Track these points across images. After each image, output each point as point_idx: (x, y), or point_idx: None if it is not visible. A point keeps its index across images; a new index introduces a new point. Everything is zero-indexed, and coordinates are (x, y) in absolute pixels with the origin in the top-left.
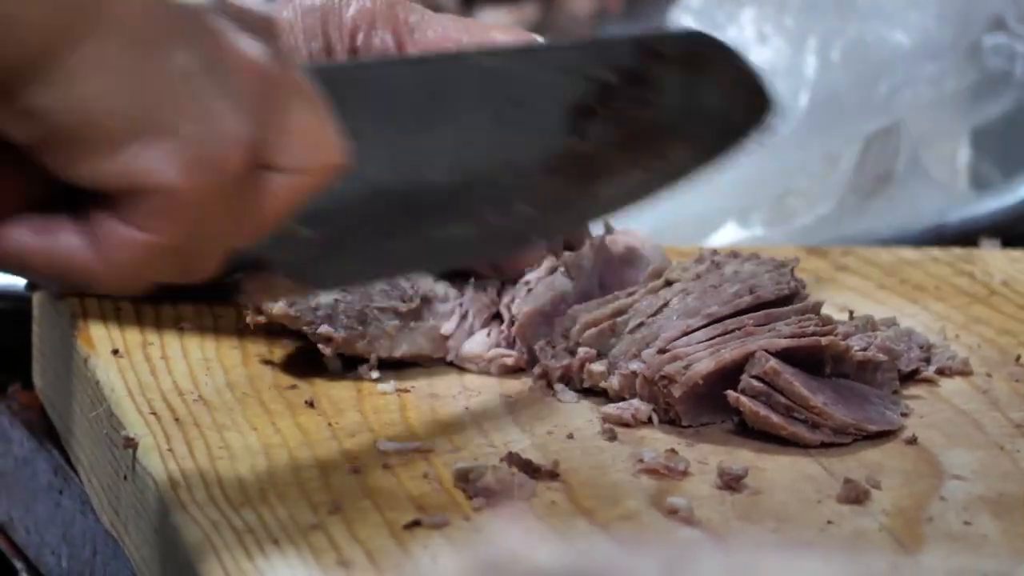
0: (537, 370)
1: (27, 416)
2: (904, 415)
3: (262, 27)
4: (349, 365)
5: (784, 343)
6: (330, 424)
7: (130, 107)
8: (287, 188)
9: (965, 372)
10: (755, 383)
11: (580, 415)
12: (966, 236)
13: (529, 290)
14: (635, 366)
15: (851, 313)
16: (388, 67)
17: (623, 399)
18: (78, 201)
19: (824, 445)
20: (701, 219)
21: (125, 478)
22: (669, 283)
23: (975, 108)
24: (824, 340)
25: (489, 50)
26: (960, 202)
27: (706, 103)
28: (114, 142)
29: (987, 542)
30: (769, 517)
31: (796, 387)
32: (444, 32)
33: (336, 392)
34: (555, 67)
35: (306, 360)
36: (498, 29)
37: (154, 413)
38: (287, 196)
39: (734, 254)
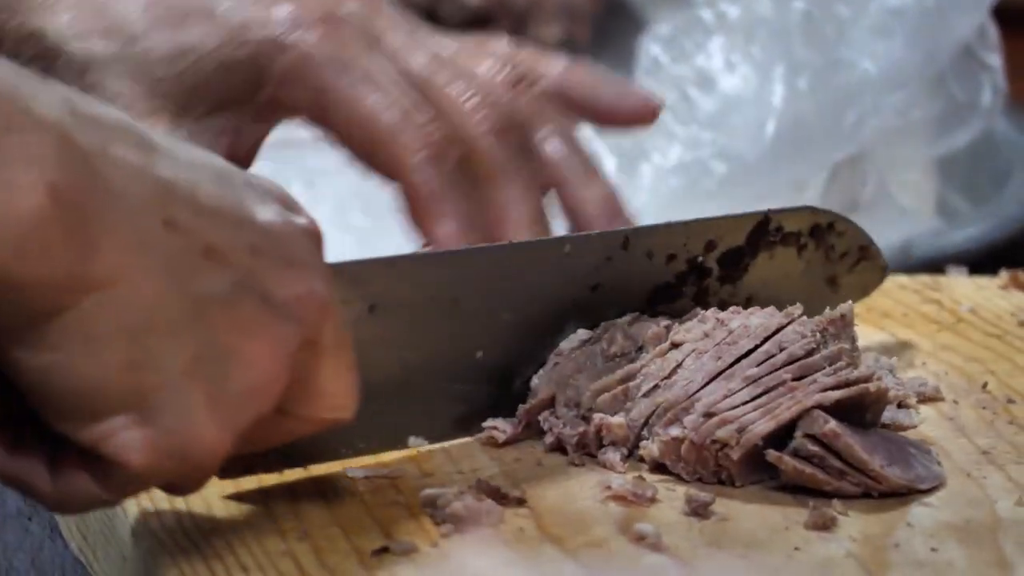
0: (549, 440)
1: None
2: (939, 464)
3: (302, 301)
4: None
5: (837, 395)
6: None
7: (114, 386)
8: (279, 426)
9: (936, 399)
10: (809, 444)
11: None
12: (933, 264)
13: (556, 364)
14: (676, 432)
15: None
16: (461, 257)
17: (663, 465)
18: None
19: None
20: None
21: None
22: (676, 345)
23: (942, 137)
24: (872, 386)
25: (594, 235)
26: (927, 230)
27: (808, 277)
28: (89, 410)
29: (953, 569)
30: (737, 544)
31: (856, 451)
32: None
33: None
34: (656, 249)
35: None
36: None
37: None
38: (277, 433)
39: (736, 310)
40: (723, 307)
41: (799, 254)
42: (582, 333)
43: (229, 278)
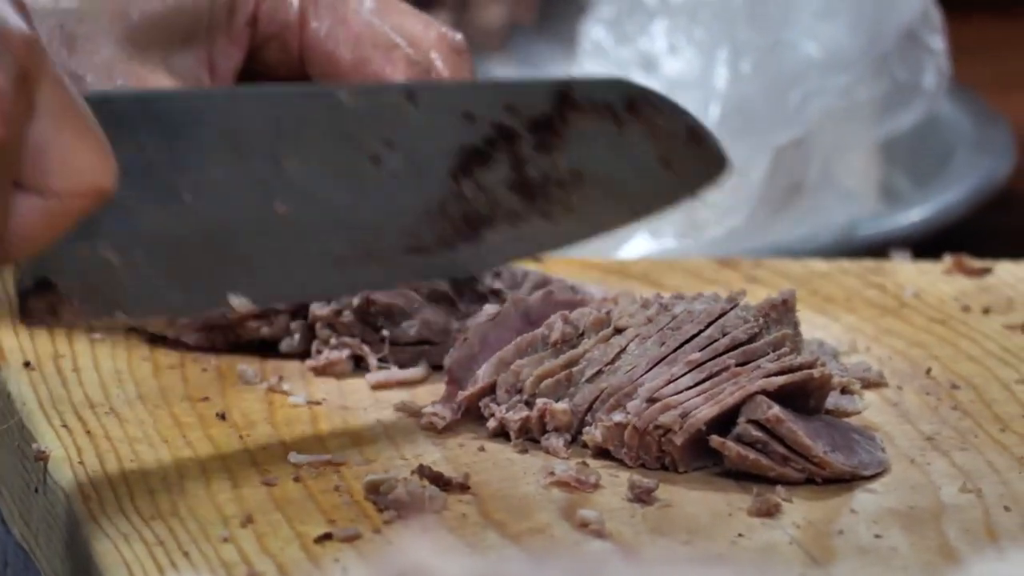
0: (492, 424)
1: None
2: (883, 450)
3: (8, 42)
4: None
5: (780, 380)
6: (241, 436)
7: None
8: (39, 210)
9: (880, 384)
10: (753, 430)
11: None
12: (877, 248)
13: (465, 339)
14: (619, 417)
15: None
16: (243, 99)
17: (606, 451)
18: None
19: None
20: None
21: (36, 490)
22: (619, 330)
23: (885, 119)
24: (816, 372)
25: (374, 88)
26: (871, 214)
27: (636, 155)
28: None
29: (897, 555)
30: (680, 530)
31: (799, 436)
32: (347, 22)
33: (248, 404)
34: (451, 108)
35: (217, 372)
36: (410, 27)
37: (65, 426)
38: (40, 218)
39: (678, 296)
40: (547, 182)
41: (618, 129)
42: (489, 309)
43: None
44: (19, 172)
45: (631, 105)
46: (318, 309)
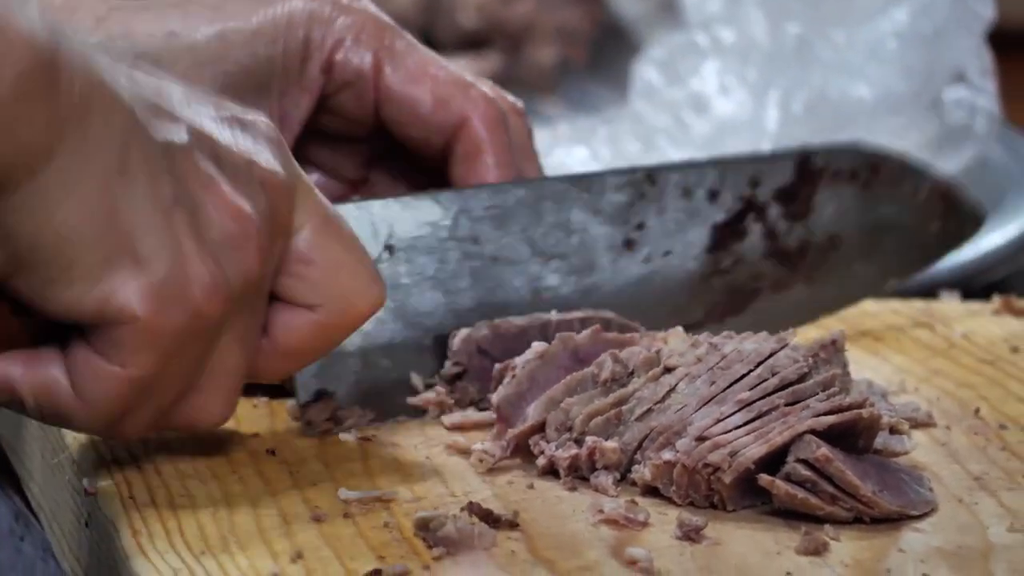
0: (541, 462)
1: None
2: (931, 490)
3: (263, 179)
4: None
5: (830, 420)
6: (291, 473)
7: (99, 236)
8: (309, 324)
9: (928, 424)
10: (802, 469)
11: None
12: (926, 289)
13: (514, 376)
14: (668, 455)
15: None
16: (492, 192)
17: (655, 489)
18: (66, 337)
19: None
20: None
21: (87, 525)
22: (669, 369)
23: (936, 161)
24: (865, 412)
25: (617, 171)
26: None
27: (885, 216)
28: (80, 269)
29: None
30: (728, 569)
31: (848, 476)
32: (423, 66)
33: (298, 441)
34: (693, 187)
35: (268, 408)
36: (475, 76)
37: (116, 460)
38: (310, 332)
39: (728, 335)
40: (805, 248)
41: (863, 192)
42: (537, 347)
43: (186, 130)
44: (283, 287)
45: (873, 168)
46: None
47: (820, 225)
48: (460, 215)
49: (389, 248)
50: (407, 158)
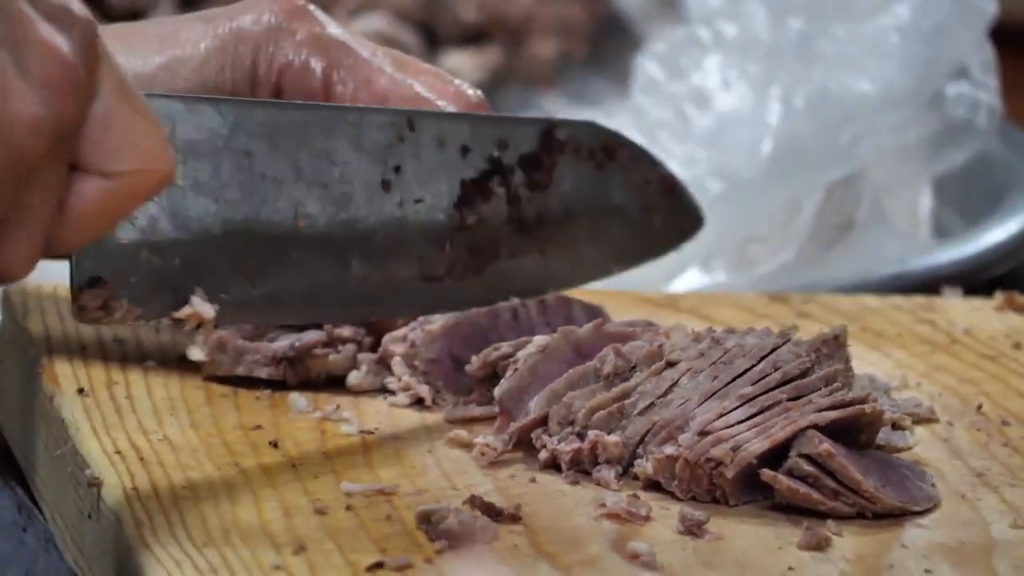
0: (543, 456)
1: None
2: (933, 486)
3: (75, 22)
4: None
5: (832, 415)
6: (294, 465)
7: None
8: (103, 191)
9: (931, 420)
10: (804, 464)
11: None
12: (928, 284)
13: (516, 370)
14: (670, 450)
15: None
16: (253, 107)
17: (657, 483)
18: None
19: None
20: (663, 265)
21: (89, 517)
22: (671, 364)
23: (937, 157)
24: (867, 408)
25: (379, 110)
26: (922, 250)
27: (616, 201)
28: None
29: None
30: (730, 563)
31: (850, 471)
32: (372, 83)
33: (300, 433)
34: (448, 139)
35: (270, 401)
36: (432, 83)
37: (119, 452)
38: (104, 200)
39: (730, 330)
40: (540, 220)
41: (598, 170)
42: (539, 340)
43: None
44: (79, 152)
45: (611, 150)
46: (391, 344)
47: (557, 198)
48: (237, 127)
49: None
50: None
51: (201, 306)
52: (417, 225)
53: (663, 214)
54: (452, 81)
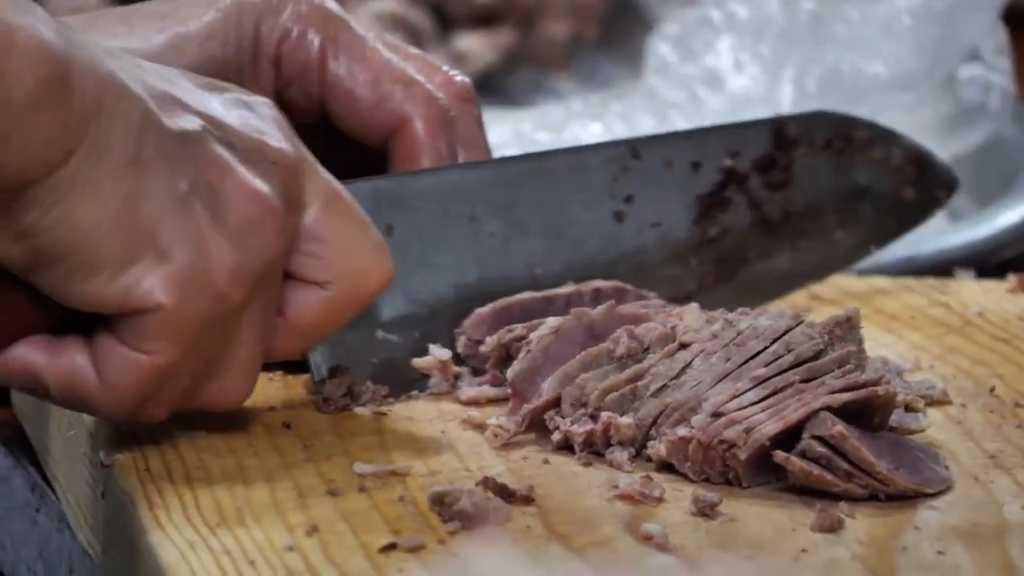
0: (556, 437)
1: (4, 433)
2: (946, 467)
3: (274, 158)
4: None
5: (845, 397)
6: (306, 446)
7: (119, 229)
8: (321, 301)
9: (944, 402)
10: (817, 446)
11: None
12: (941, 266)
13: (528, 351)
14: (683, 431)
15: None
16: (470, 168)
17: (670, 465)
18: (88, 324)
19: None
20: None
21: (103, 497)
22: (684, 345)
23: (950, 139)
24: (880, 390)
25: (600, 145)
26: (934, 232)
27: (861, 183)
28: (106, 265)
29: (960, 572)
30: (743, 545)
31: (863, 453)
32: (367, 60)
33: (313, 415)
34: (675, 159)
35: (283, 382)
36: (421, 68)
37: (132, 434)
38: (323, 308)
39: (744, 311)
40: (787, 217)
41: (838, 157)
42: (552, 322)
43: (197, 116)
44: (295, 265)
45: (845, 136)
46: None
47: (800, 193)
48: (459, 190)
49: (389, 228)
50: (357, 154)
51: (439, 352)
52: (657, 248)
53: (912, 185)
54: (441, 67)
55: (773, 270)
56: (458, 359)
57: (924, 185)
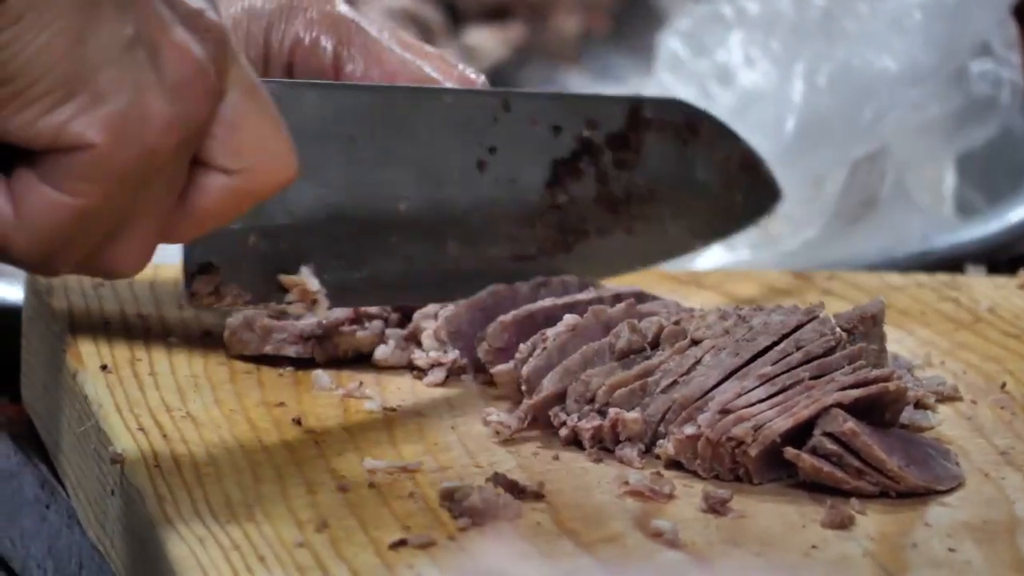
0: (564, 433)
1: (14, 429)
2: (957, 464)
3: (208, 28)
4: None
5: (856, 393)
6: (317, 442)
7: (64, 62)
8: (225, 188)
9: (954, 398)
10: (828, 443)
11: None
12: (951, 262)
13: (544, 348)
14: (691, 429)
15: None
16: (356, 92)
17: (678, 463)
18: (5, 163)
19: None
20: None
21: (112, 493)
22: (696, 341)
23: (960, 134)
24: (891, 386)
25: (469, 90)
26: (945, 228)
27: (700, 178)
28: (43, 97)
29: (971, 568)
30: (753, 541)
31: (874, 450)
32: (381, 63)
33: (323, 410)
34: (539, 118)
35: (293, 378)
36: (438, 66)
37: (142, 429)
38: (225, 196)
39: (758, 307)
40: (628, 198)
41: (683, 147)
42: (569, 319)
43: None
44: (205, 150)
45: (693, 127)
46: (422, 320)
47: (643, 176)
48: (341, 112)
49: None
50: None
51: (309, 279)
52: (510, 205)
53: (743, 190)
54: (456, 65)
55: (607, 248)
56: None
57: (755, 192)
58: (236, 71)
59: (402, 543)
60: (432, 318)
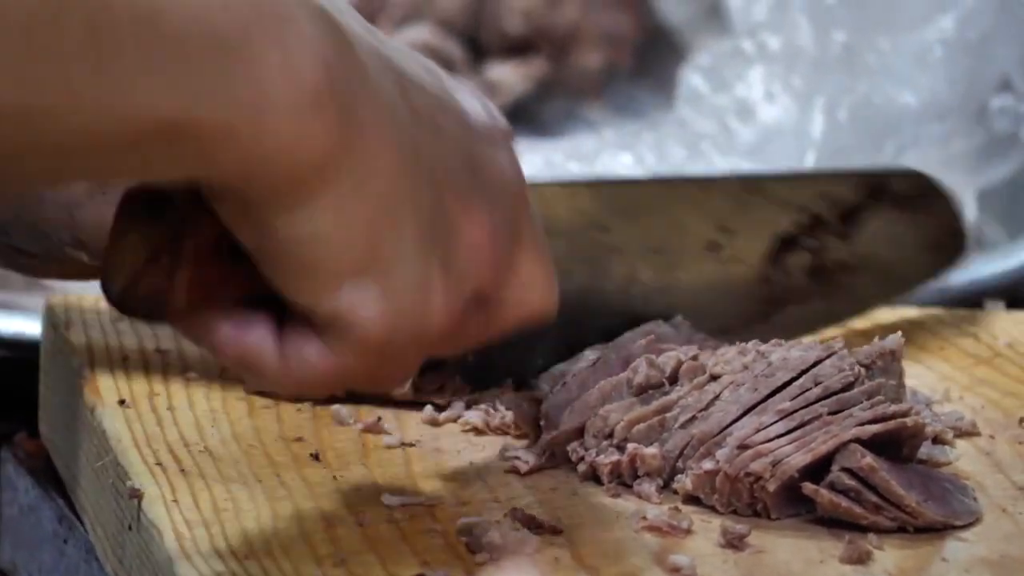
0: (583, 468)
1: (33, 464)
2: (975, 499)
3: (504, 188)
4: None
5: (874, 429)
6: (335, 477)
7: (359, 250)
8: (496, 321)
9: (973, 433)
10: (846, 478)
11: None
12: (971, 297)
13: (564, 383)
14: (709, 465)
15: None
16: (632, 185)
17: (696, 499)
18: (280, 306)
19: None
20: None
21: (130, 528)
22: (715, 377)
23: (981, 169)
24: (909, 421)
25: (709, 178)
26: (965, 263)
27: (903, 239)
28: (328, 274)
29: None
30: None
31: (892, 485)
32: None
33: (341, 445)
34: (776, 198)
35: (312, 412)
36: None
37: (160, 464)
38: (493, 328)
39: (777, 343)
40: (839, 268)
41: (912, 218)
42: (590, 354)
43: (450, 150)
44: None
45: (925, 197)
46: None
47: (858, 246)
48: (607, 205)
49: None
50: None
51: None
52: (729, 283)
53: (940, 248)
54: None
55: (801, 315)
56: None
57: (947, 245)
58: (527, 223)
59: None
60: None
